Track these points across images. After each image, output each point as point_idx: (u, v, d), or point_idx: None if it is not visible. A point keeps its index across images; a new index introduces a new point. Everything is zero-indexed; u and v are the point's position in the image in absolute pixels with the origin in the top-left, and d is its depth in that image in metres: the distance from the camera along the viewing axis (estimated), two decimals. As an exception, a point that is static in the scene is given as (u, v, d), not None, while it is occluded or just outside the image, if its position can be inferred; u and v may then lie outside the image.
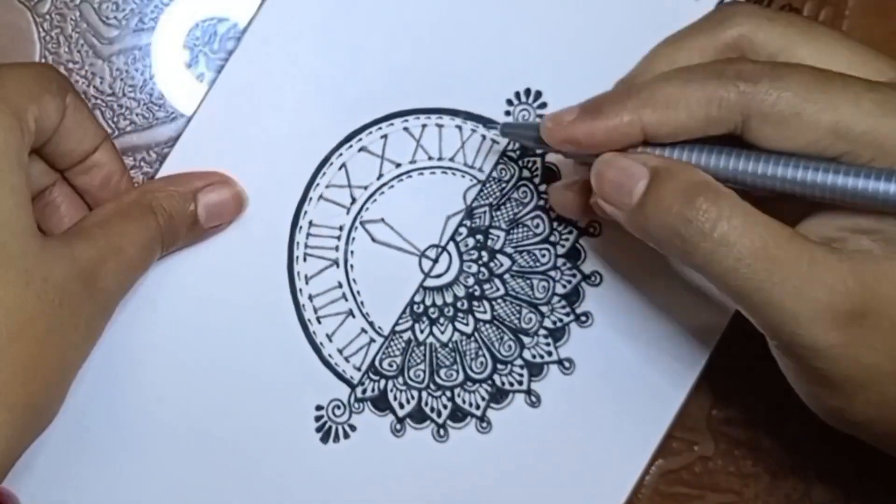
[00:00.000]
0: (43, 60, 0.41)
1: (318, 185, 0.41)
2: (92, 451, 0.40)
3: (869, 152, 0.30)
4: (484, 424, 0.41)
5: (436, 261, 0.41)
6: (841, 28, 0.42)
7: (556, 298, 0.42)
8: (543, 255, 0.42)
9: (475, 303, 0.41)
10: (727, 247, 0.30)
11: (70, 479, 0.40)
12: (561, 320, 0.42)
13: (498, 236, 0.41)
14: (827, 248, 0.31)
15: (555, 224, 0.41)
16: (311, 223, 0.41)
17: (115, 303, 0.36)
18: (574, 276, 0.41)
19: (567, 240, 0.41)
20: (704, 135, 0.32)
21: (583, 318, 0.42)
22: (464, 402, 0.41)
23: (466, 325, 0.41)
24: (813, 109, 0.30)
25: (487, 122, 0.41)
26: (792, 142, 0.31)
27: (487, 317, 0.42)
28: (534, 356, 0.41)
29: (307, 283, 0.41)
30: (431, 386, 0.41)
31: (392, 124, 0.41)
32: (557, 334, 0.41)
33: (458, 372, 0.41)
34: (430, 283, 0.41)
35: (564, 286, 0.42)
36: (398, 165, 0.41)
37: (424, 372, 0.41)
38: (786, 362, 0.33)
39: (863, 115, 0.30)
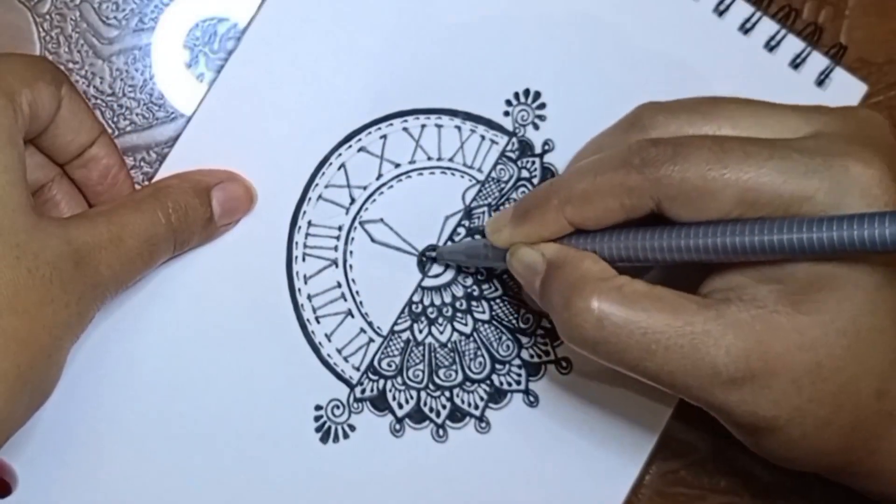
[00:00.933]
0: (43, 59, 0.40)
1: (317, 185, 0.41)
2: (88, 451, 0.40)
3: (778, 215, 0.31)
4: (483, 424, 0.41)
5: (434, 261, 0.41)
6: (841, 28, 0.43)
7: (553, 298, 0.42)
8: (541, 256, 0.42)
9: (474, 303, 0.42)
10: (607, 344, 0.32)
11: (69, 479, 0.40)
12: (558, 320, 0.42)
13: (496, 236, 0.42)
14: (715, 313, 0.32)
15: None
16: (310, 223, 0.41)
17: (111, 291, 0.36)
18: (572, 276, 0.42)
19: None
20: (627, 219, 0.33)
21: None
22: (463, 402, 0.41)
23: (465, 325, 0.42)
24: (716, 185, 0.31)
25: (487, 123, 0.41)
26: (705, 216, 0.32)
27: (486, 316, 0.42)
28: (532, 356, 0.42)
29: (306, 282, 0.41)
30: (430, 386, 0.41)
31: (391, 125, 0.41)
32: (555, 334, 0.42)
33: (456, 372, 0.41)
34: (428, 283, 0.41)
35: (562, 286, 0.42)
36: (397, 166, 0.41)
37: (423, 372, 0.41)
38: None
39: (766, 184, 0.31)
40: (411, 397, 0.41)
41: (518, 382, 0.42)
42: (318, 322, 0.41)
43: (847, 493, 0.36)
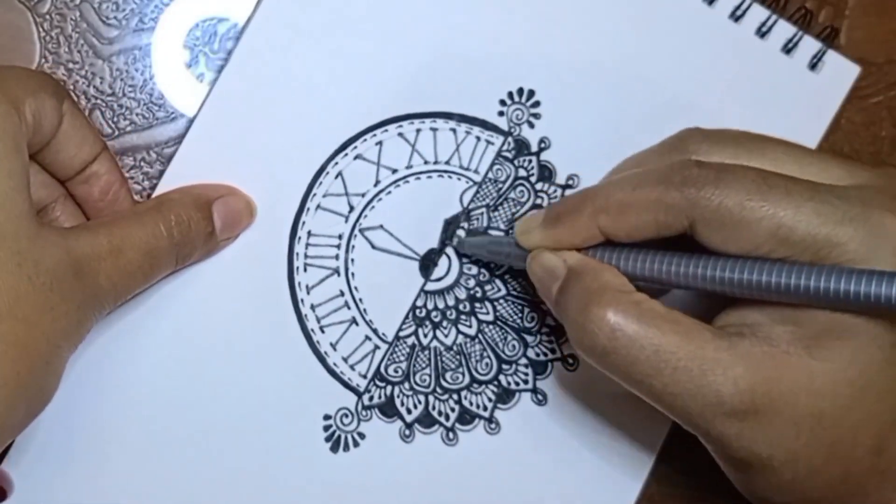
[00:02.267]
0: (43, 60, 0.40)
1: (315, 194, 0.41)
2: (89, 460, 0.40)
3: (807, 257, 0.31)
4: (492, 425, 0.41)
5: (436, 264, 0.41)
6: (841, 28, 0.43)
7: (556, 295, 0.42)
8: (543, 254, 0.42)
9: (477, 304, 0.42)
10: (617, 356, 0.32)
11: (65, 488, 0.40)
12: (563, 317, 0.42)
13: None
14: (727, 343, 0.32)
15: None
16: (309, 233, 0.41)
17: (109, 302, 0.36)
18: (575, 272, 0.42)
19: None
20: (658, 236, 0.33)
21: (584, 314, 0.42)
22: (471, 404, 0.41)
23: (469, 326, 0.41)
24: (753, 216, 0.31)
25: (482, 124, 0.41)
26: (735, 245, 0.32)
27: (490, 317, 0.42)
28: (538, 354, 0.42)
29: (308, 293, 0.41)
30: (438, 390, 0.41)
31: (386, 130, 0.41)
32: (560, 331, 0.42)
33: (463, 374, 0.41)
34: (431, 286, 0.41)
35: (565, 283, 0.42)
36: (394, 171, 0.41)
37: (430, 376, 0.41)
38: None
39: (801, 224, 0.31)
40: (419, 402, 0.41)
41: (525, 382, 0.42)
42: (323, 331, 0.41)
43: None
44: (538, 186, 0.41)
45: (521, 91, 0.41)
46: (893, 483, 0.33)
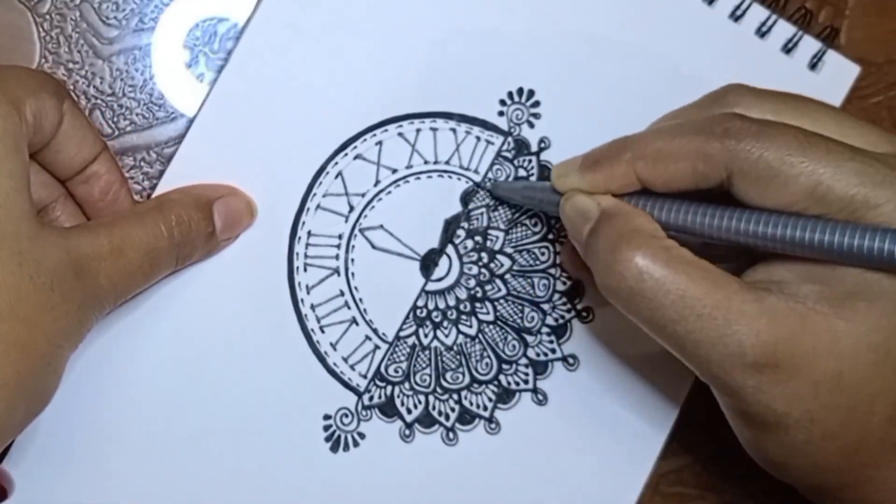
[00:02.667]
0: (43, 60, 0.40)
1: (315, 194, 0.41)
2: (89, 459, 0.40)
3: (843, 217, 0.31)
4: (492, 425, 0.41)
5: (436, 264, 0.41)
6: (841, 28, 0.43)
7: (556, 295, 0.42)
8: (543, 253, 0.42)
9: (477, 304, 0.42)
10: (643, 298, 0.32)
11: (66, 487, 0.40)
12: (563, 317, 0.42)
13: (497, 237, 0.41)
14: (754, 297, 0.32)
15: (553, 222, 0.42)
16: (309, 233, 0.41)
17: (109, 302, 0.36)
18: (575, 272, 0.42)
19: (566, 238, 0.41)
20: (695, 187, 0.33)
21: (584, 314, 0.42)
22: (471, 404, 0.41)
23: (470, 326, 0.41)
24: (792, 172, 0.31)
25: (482, 124, 0.41)
26: (772, 200, 0.32)
27: (490, 317, 0.42)
28: (538, 354, 0.42)
29: (308, 293, 0.41)
30: (438, 390, 0.41)
31: (386, 130, 0.41)
32: (560, 331, 0.42)
33: (463, 374, 0.41)
34: (431, 286, 0.41)
35: (565, 283, 0.42)
36: (394, 171, 0.41)
37: (430, 376, 0.41)
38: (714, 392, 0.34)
39: (840, 182, 0.31)
40: (419, 402, 0.41)
41: (526, 381, 0.41)
42: (323, 331, 0.41)
43: None
44: (538, 186, 0.41)
45: (521, 91, 0.41)
46: None
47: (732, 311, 0.31)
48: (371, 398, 0.41)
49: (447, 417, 0.41)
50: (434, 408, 0.41)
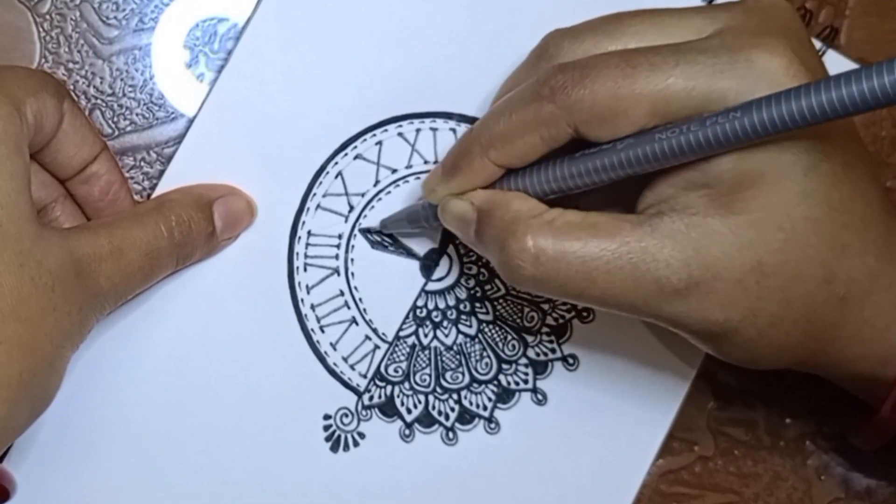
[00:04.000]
0: (43, 60, 0.40)
1: (314, 194, 0.41)
2: (90, 460, 0.40)
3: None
4: (492, 425, 0.41)
5: (436, 264, 0.41)
6: (841, 28, 0.43)
7: (556, 295, 0.42)
8: (543, 253, 0.42)
9: (477, 304, 0.42)
10: (549, 279, 0.32)
11: (68, 488, 0.40)
12: (563, 317, 0.42)
13: (497, 237, 0.41)
14: (649, 229, 0.32)
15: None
16: (309, 233, 0.41)
17: (110, 303, 0.36)
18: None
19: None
20: (551, 150, 0.33)
21: (584, 314, 0.42)
22: (471, 403, 0.41)
23: (470, 326, 0.42)
24: (627, 102, 0.31)
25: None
26: (623, 131, 0.32)
27: (490, 317, 0.42)
28: (538, 354, 0.42)
29: (308, 292, 0.41)
30: (438, 389, 0.41)
31: (386, 130, 0.41)
32: (560, 331, 0.42)
33: (463, 374, 0.41)
34: (431, 286, 0.41)
35: (565, 283, 0.42)
36: (394, 171, 0.41)
37: (430, 376, 0.41)
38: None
39: (675, 92, 0.31)
40: (419, 402, 0.41)
41: (525, 381, 0.42)
42: (323, 331, 0.41)
43: (848, 492, 0.36)
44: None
45: (520, 91, 0.41)
46: (858, 304, 0.33)
47: (635, 253, 0.32)
48: (371, 398, 0.41)
49: (447, 417, 0.41)
50: (434, 407, 0.41)
